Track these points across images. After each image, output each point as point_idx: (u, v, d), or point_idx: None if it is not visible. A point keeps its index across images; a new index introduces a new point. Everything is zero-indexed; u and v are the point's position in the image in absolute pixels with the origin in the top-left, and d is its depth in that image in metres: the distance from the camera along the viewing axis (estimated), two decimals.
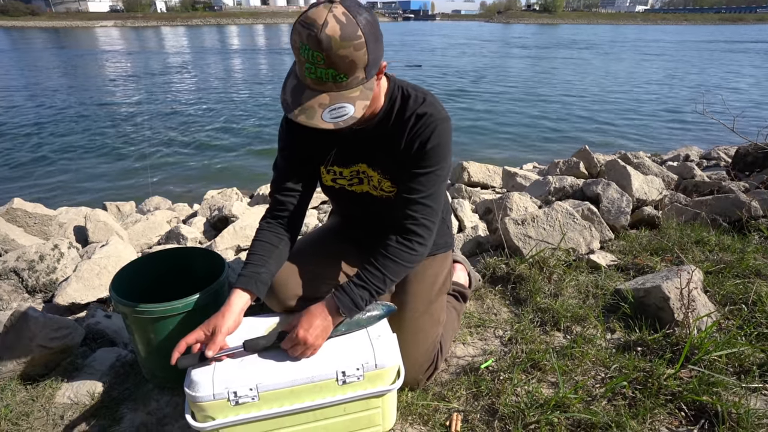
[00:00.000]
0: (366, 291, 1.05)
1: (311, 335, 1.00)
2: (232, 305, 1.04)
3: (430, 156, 1.06)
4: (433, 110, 1.06)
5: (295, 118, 0.91)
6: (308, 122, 0.91)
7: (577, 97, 12.00)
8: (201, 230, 3.09)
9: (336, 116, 0.91)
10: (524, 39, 39.81)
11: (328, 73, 0.87)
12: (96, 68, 17.68)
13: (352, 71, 0.88)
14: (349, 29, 0.84)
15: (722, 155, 4.56)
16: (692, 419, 1.14)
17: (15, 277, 2.01)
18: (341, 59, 0.85)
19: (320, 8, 0.85)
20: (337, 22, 0.83)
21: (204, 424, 0.96)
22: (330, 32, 0.83)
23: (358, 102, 0.92)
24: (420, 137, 1.06)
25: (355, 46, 0.85)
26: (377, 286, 1.06)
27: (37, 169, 6.41)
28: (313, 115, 0.90)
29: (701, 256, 1.93)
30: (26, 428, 1.20)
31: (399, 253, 1.07)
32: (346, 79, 0.89)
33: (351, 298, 1.05)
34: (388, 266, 1.06)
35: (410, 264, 1.09)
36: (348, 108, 0.91)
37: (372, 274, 1.06)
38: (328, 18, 0.83)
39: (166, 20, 69.70)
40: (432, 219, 1.09)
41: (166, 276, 1.45)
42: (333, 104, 0.90)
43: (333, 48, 0.84)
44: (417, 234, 1.08)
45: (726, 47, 29.80)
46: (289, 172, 1.18)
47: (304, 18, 0.85)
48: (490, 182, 3.99)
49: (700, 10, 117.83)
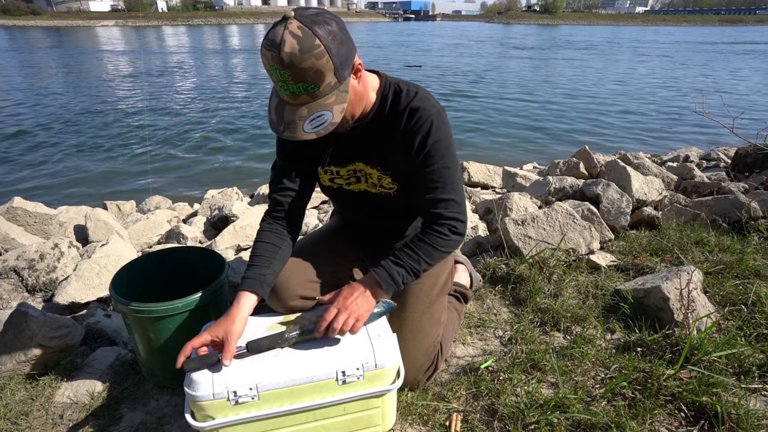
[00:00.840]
0: (402, 269, 1.09)
1: (354, 304, 1.03)
2: (240, 309, 1.03)
3: (434, 152, 1.07)
4: (426, 104, 1.06)
5: (281, 134, 0.95)
6: (292, 137, 0.94)
7: (577, 97, 12.01)
8: (201, 230, 3.09)
9: (316, 125, 0.93)
10: (524, 39, 39.84)
11: (299, 86, 0.89)
12: (97, 68, 17.68)
13: (321, 79, 0.90)
14: (306, 42, 0.85)
15: (722, 156, 4.56)
16: (692, 420, 1.14)
17: (15, 276, 2.01)
18: (307, 71, 0.87)
19: (277, 28, 0.87)
20: (294, 38, 0.85)
21: (203, 423, 0.96)
22: (288, 49, 0.85)
23: (335, 107, 0.94)
24: (419, 134, 1.06)
25: (316, 56, 0.87)
26: (413, 266, 1.09)
27: (37, 168, 6.40)
28: (296, 129, 0.93)
29: (701, 256, 1.93)
30: (25, 427, 1.20)
31: (434, 239, 1.10)
32: (318, 88, 0.91)
33: (389, 273, 1.08)
34: (424, 248, 1.10)
35: (446, 249, 1.12)
36: (326, 115, 0.93)
37: (407, 255, 1.10)
38: (285, 36, 0.85)
39: (167, 20, 69.75)
40: (458, 210, 1.11)
41: (166, 275, 1.45)
42: (311, 115, 0.93)
43: (295, 63, 0.86)
44: (450, 225, 1.11)
45: (726, 49, 29.82)
46: (286, 172, 1.20)
47: (266, 40, 0.88)
48: (490, 182, 3.99)
49: (699, 11, 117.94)
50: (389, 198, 1.18)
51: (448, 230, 1.11)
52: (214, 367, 0.98)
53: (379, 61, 19.69)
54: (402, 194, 1.17)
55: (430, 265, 1.12)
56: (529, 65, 19.86)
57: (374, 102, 1.09)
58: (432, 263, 1.12)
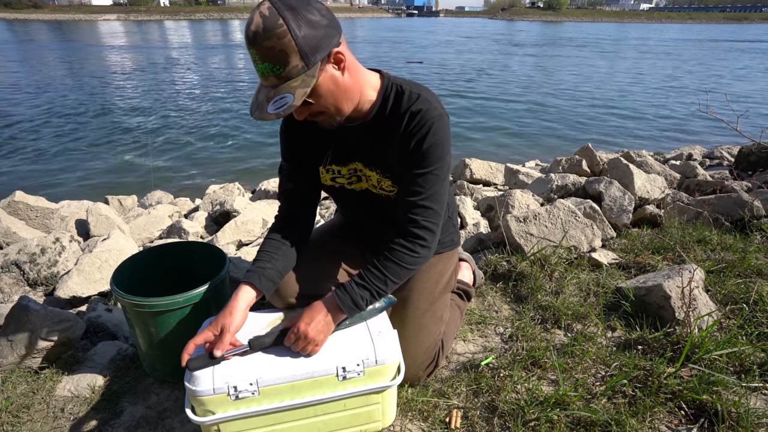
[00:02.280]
0: (367, 291, 1.06)
1: (312, 330, 1.01)
2: (238, 301, 1.03)
3: (428, 156, 1.04)
4: (428, 107, 1.04)
5: (252, 115, 0.95)
6: (259, 117, 0.94)
7: (580, 94, 11.95)
8: (202, 225, 3.09)
9: (277, 107, 0.93)
10: (528, 36, 39.62)
11: (266, 66, 0.90)
12: (99, 62, 17.66)
13: (285, 61, 0.89)
14: (270, 21, 0.86)
15: (725, 154, 4.54)
16: (692, 418, 1.14)
17: (16, 269, 2.01)
18: (269, 51, 0.88)
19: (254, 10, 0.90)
20: (261, 17, 0.87)
21: (204, 418, 0.97)
22: (254, 27, 0.87)
23: (298, 90, 0.93)
24: (416, 136, 1.04)
25: (278, 35, 0.87)
26: (378, 287, 1.06)
27: (38, 162, 6.41)
28: (262, 110, 0.93)
29: (703, 255, 1.93)
30: (27, 420, 1.20)
31: (401, 256, 1.07)
32: (283, 69, 0.90)
33: (351, 297, 1.05)
34: (390, 267, 1.06)
35: (412, 266, 1.08)
36: (288, 98, 0.92)
37: (373, 274, 1.06)
38: (254, 16, 0.87)
39: (169, 14, 69.52)
40: (434, 220, 1.08)
41: (167, 270, 1.45)
42: (276, 96, 0.93)
43: (258, 41, 0.87)
44: (419, 237, 1.07)
45: (730, 46, 29.62)
46: (292, 174, 1.20)
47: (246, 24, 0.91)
48: (493, 179, 3.98)
49: (705, 8, 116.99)
50: (389, 200, 1.17)
51: (417, 246, 1.07)
52: (215, 362, 0.98)
53: (381, 57, 19.67)
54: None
55: (396, 284, 1.09)
56: (532, 62, 19.76)
57: (374, 102, 1.07)
58: (399, 282, 1.09)
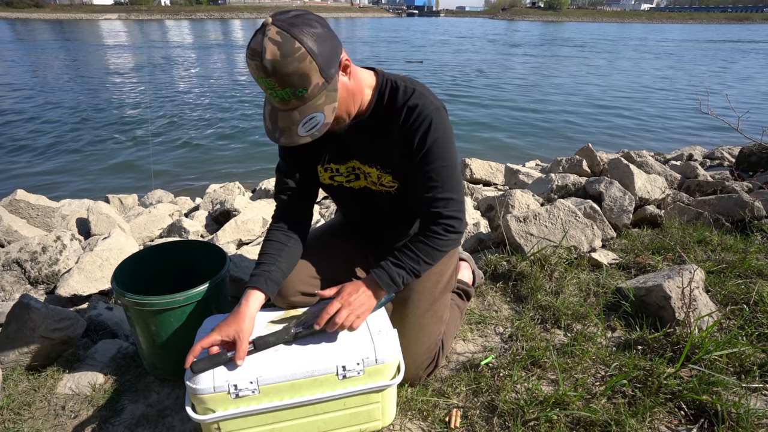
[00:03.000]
0: (403, 270, 1.11)
1: (356, 301, 1.05)
2: (249, 307, 1.03)
3: (434, 150, 1.06)
4: (424, 101, 1.04)
5: (278, 142, 0.95)
6: (288, 142, 0.94)
7: (580, 94, 11.95)
8: (203, 224, 3.09)
9: (309, 128, 0.93)
10: (527, 36, 39.58)
11: (287, 92, 0.89)
12: (100, 61, 17.66)
13: (308, 82, 0.89)
14: (286, 46, 0.85)
15: (726, 155, 4.53)
16: (692, 418, 1.14)
17: (18, 268, 2.02)
18: (291, 76, 0.87)
19: (257, 36, 0.86)
20: (274, 44, 0.84)
21: (204, 416, 0.97)
22: (270, 56, 0.84)
23: (326, 107, 0.93)
24: (418, 133, 1.04)
25: (298, 59, 0.86)
26: (413, 267, 1.11)
27: (40, 161, 6.42)
28: (291, 134, 0.93)
29: (703, 255, 1.93)
30: (28, 418, 1.21)
31: (433, 240, 1.11)
32: (306, 91, 0.90)
33: (389, 274, 1.10)
34: (423, 249, 1.11)
35: (445, 249, 1.13)
36: (318, 117, 0.93)
37: (408, 255, 1.11)
38: (265, 43, 0.84)
39: (170, 13, 69.53)
40: (456, 207, 1.11)
41: (167, 269, 1.45)
42: (303, 118, 0.92)
43: (279, 69, 0.85)
44: (448, 225, 1.11)
45: (731, 47, 29.58)
46: (290, 173, 1.19)
47: (248, 50, 0.87)
48: (493, 179, 3.98)
49: (705, 9, 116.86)
50: (390, 196, 1.17)
51: (445, 230, 1.11)
52: (218, 365, 0.97)
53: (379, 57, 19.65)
54: (402, 192, 1.16)
55: (429, 265, 1.13)
56: (532, 62, 19.75)
57: (370, 100, 1.08)
58: (432, 263, 1.13)
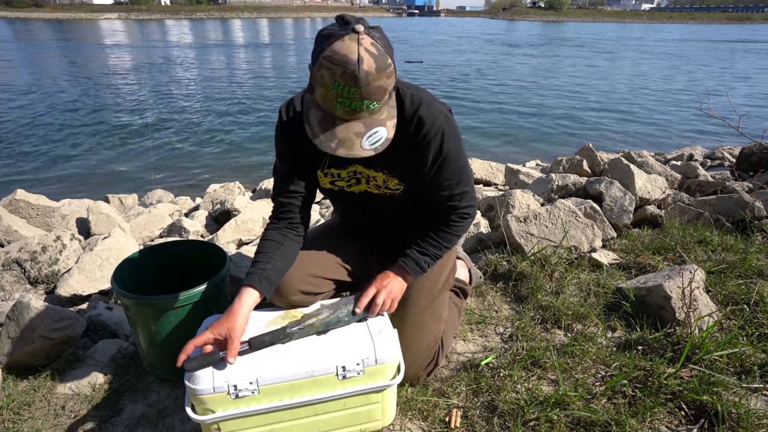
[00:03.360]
0: (427, 256, 1.18)
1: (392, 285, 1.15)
2: (242, 305, 1.02)
3: (449, 158, 1.08)
4: (433, 111, 1.05)
5: (334, 152, 0.91)
6: (349, 154, 0.91)
7: (581, 94, 11.94)
8: (203, 224, 3.09)
9: (374, 142, 0.92)
10: (529, 36, 39.56)
11: (363, 104, 0.88)
12: (100, 61, 17.66)
13: (383, 97, 0.90)
14: (380, 60, 0.85)
15: (726, 155, 4.53)
16: (692, 418, 1.14)
17: (17, 267, 2.02)
18: (377, 90, 0.87)
19: (347, 42, 0.83)
20: (371, 56, 0.84)
21: (204, 417, 0.97)
22: (367, 68, 0.83)
23: (388, 123, 0.93)
24: (432, 146, 1.06)
25: (387, 75, 0.87)
26: (435, 253, 1.19)
27: (39, 161, 6.42)
28: (352, 146, 0.91)
29: (704, 255, 1.93)
30: (28, 418, 1.21)
31: (451, 226, 1.18)
32: (378, 104, 0.90)
33: (416, 261, 1.17)
34: (443, 236, 1.18)
35: (461, 232, 1.21)
36: (381, 131, 0.92)
37: (430, 243, 1.18)
38: (361, 53, 0.83)
39: (170, 13, 69.51)
40: (470, 196, 1.17)
41: (167, 269, 1.45)
42: (368, 131, 0.91)
43: (370, 82, 0.85)
44: (463, 213, 1.18)
45: (732, 47, 29.57)
46: (288, 175, 1.18)
47: (332, 54, 0.84)
48: (493, 179, 3.98)
49: (706, 9, 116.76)
50: (393, 198, 1.17)
51: (460, 217, 1.18)
52: (211, 363, 0.97)
53: None
54: (407, 194, 1.17)
55: (448, 249, 1.21)
56: (532, 63, 19.74)
57: None
58: (450, 247, 1.21)
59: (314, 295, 1.21)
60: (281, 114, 1.14)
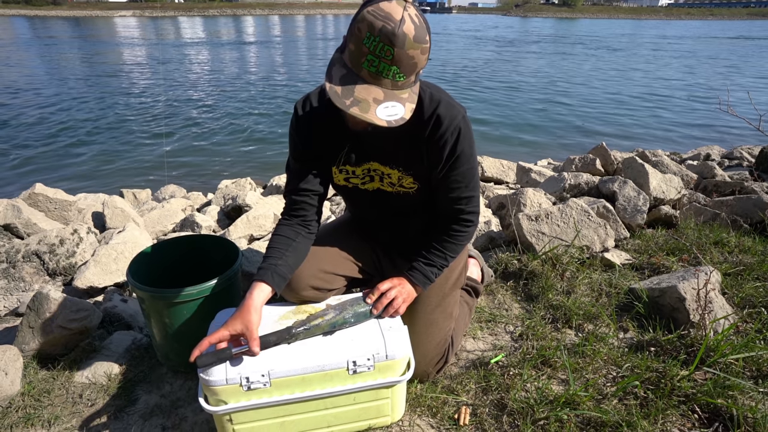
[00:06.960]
0: (434, 267, 1.20)
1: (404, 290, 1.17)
2: (254, 300, 1.03)
3: (462, 158, 1.09)
4: (451, 111, 1.05)
5: (347, 109, 0.88)
6: (361, 115, 0.88)
7: (594, 92, 11.76)
8: (215, 219, 3.13)
9: (390, 114, 0.89)
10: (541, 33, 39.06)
11: (391, 69, 0.87)
12: (115, 57, 17.92)
13: (411, 72, 0.89)
14: (421, 31, 0.85)
15: (745, 155, 4.42)
16: (705, 422, 1.13)
17: (37, 259, 2.07)
18: (408, 59, 0.86)
19: (394, 4, 0.84)
20: (412, 22, 0.84)
21: (216, 407, 0.98)
22: (406, 30, 0.83)
23: (407, 104, 0.91)
24: (448, 145, 1.06)
25: (422, 50, 0.87)
26: (441, 263, 1.21)
27: (57, 156, 6.55)
28: (367, 109, 0.88)
29: (720, 257, 1.89)
30: (47, 404, 1.24)
31: (455, 236, 1.19)
32: (404, 78, 0.89)
33: (424, 274, 1.19)
34: (448, 246, 1.20)
35: (465, 242, 1.22)
36: (399, 108, 0.90)
37: (435, 255, 1.20)
38: (405, 16, 0.83)
39: (183, 10, 70.18)
40: (476, 202, 1.18)
41: (180, 262, 1.47)
42: (387, 101, 0.89)
43: (405, 47, 0.84)
44: (468, 220, 1.19)
45: (755, 44, 28.78)
46: (301, 172, 1.18)
47: (377, 9, 0.83)
48: (504, 178, 3.95)
49: (727, 4, 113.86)
50: (407, 196, 1.17)
51: (464, 225, 1.19)
52: (223, 360, 0.98)
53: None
54: (421, 192, 1.17)
55: (454, 258, 1.22)
56: (545, 60, 19.49)
57: None
58: (455, 256, 1.22)
59: (326, 291, 1.21)
60: (296, 109, 1.14)
